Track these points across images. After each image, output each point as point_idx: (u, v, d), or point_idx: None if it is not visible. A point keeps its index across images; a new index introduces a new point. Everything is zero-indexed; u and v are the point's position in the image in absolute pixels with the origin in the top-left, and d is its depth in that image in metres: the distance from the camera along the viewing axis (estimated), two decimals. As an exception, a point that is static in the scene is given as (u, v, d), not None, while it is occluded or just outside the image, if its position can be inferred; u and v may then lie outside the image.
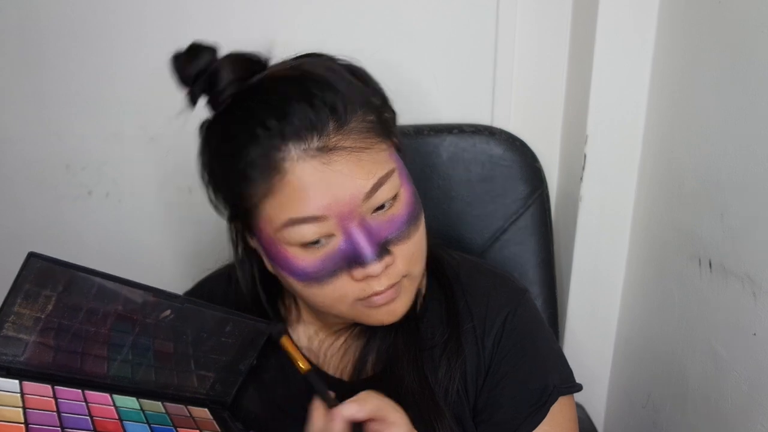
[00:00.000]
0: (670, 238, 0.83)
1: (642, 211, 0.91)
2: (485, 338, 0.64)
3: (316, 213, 0.53)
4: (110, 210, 1.06)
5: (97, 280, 0.50)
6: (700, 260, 0.76)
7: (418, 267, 0.60)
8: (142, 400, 0.54)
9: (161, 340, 0.56)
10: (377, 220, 0.55)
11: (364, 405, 0.52)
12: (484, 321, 0.65)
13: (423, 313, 0.66)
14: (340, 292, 0.56)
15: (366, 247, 0.54)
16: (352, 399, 0.52)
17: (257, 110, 0.54)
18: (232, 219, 0.61)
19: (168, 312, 0.55)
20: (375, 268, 0.54)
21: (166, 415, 0.54)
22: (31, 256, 0.47)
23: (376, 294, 0.56)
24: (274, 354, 0.66)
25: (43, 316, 0.48)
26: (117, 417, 0.50)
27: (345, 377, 0.66)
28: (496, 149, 0.87)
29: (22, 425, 0.44)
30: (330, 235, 0.54)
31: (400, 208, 0.56)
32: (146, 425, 0.51)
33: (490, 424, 0.62)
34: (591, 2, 0.84)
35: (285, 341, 0.58)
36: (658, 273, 0.87)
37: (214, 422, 0.57)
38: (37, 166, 1.04)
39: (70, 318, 0.50)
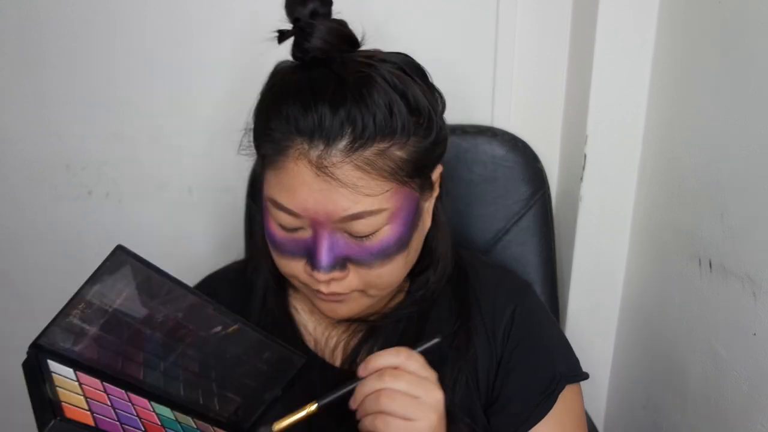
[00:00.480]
0: (670, 238, 0.83)
1: (642, 211, 0.91)
2: (495, 330, 0.65)
3: (295, 210, 0.54)
4: (110, 210, 1.06)
5: (168, 284, 0.51)
6: (700, 260, 0.76)
7: (377, 290, 0.60)
8: (175, 412, 0.55)
9: (205, 356, 0.56)
10: (346, 239, 0.56)
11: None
12: (493, 313, 0.66)
13: (430, 308, 0.67)
14: (293, 272, 0.59)
15: (322, 256, 0.55)
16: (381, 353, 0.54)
17: (297, 91, 0.54)
18: (257, 164, 0.61)
19: (219, 328, 0.56)
20: (320, 275, 0.56)
21: (197, 430, 0.55)
22: (119, 248, 0.48)
23: (320, 291, 0.58)
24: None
25: (110, 310, 0.49)
26: (159, 423, 0.51)
27: (346, 367, 0.66)
28: (499, 150, 0.87)
29: (89, 413, 0.45)
30: (302, 228, 0.56)
31: (374, 243, 0.56)
32: None
33: (502, 415, 0.63)
34: (591, 2, 0.84)
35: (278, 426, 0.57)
36: (658, 273, 0.87)
37: None
38: (37, 166, 1.03)
39: (133, 317, 0.51)
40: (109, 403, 0.48)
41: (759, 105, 0.63)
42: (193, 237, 1.08)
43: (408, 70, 0.58)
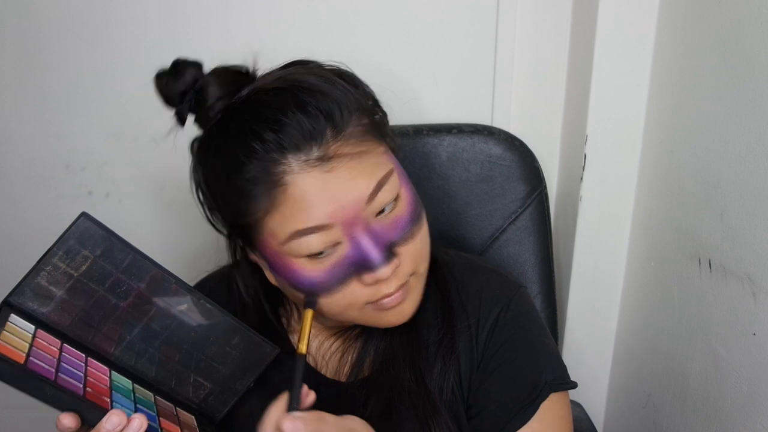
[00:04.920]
0: (670, 238, 0.83)
1: (642, 211, 0.91)
2: (479, 334, 0.64)
3: (321, 222, 0.52)
4: (110, 210, 1.06)
5: (132, 253, 0.53)
6: (700, 260, 0.76)
7: (424, 264, 0.60)
8: (136, 386, 0.55)
9: (170, 332, 0.56)
10: (381, 224, 0.55)
11: (307, 426, 0.47)
12: (478, 317, 0.65)
13: (419, 315, 0.66)
14: (350, 299, 0.56)
15: (373, 252, 0.54)
16: (303, 416, 0.48)
17: (251, 123, 0.53)
18: (232, 236, 0.61)
19: (184, 306, 0.56)
20: (385, 271, 0.54)
21: (153, 404, 0.55)
22: (83, 215, 0.51)
23: (387, 296, 0.56)
24: (280, 371, 0.65)
25: (75, 274, 0.51)
26: (108, 386, 0.52)
27: (342, 378, 0.66)
28: (495, 149, 0.87)
29: (23, 354, 0.47)
30: (336, 244, 0.54)
31: (403, 209, 0.57)
32: (132, 402, 0.52)
33: (480, 419, 0.62)
34: (591, 2, 0.84)
35: (308, 314, 0.56)
36: (658, 273, 0.87)
37: (197, 429, 0.57)
38: (37, 166, 1.04)
39: (98, 283, 0.52)
40: (55, 357, 0.50)
41: (759, 105, 0.63)
42: (193, 237, 1.08)
43: (306, 62, 0.60)
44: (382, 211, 0.55)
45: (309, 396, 0.54)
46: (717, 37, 0.70)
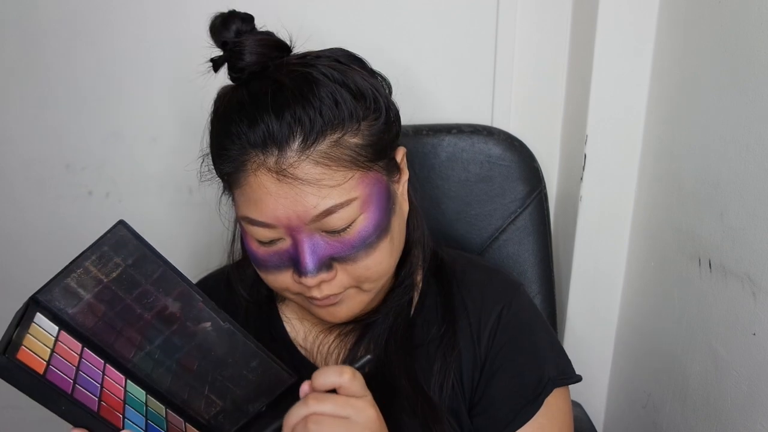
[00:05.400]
0: (670, 238, 0.83)
1: (642, 211, 0.91)
2: (480, 332, 0.64)
3: (267, 221, 0.55)
4: (110, 210, 1.06)
5: (163, 267, 0.54)
6: (700, 260, 0.76)
7: (371, 284, 0.60)
8: (149, 397, 0.56)
9: (190, 348, 0.57)
10: (326, 239, 0.56)
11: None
12: (479, 315, 0.65)
13: (418, 312, 0.67)
14: (283, 285, 0.59)
15: (306, 260, 0.55)
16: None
17: (240, 109, 0.55)
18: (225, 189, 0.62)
19: (208, 324, 0.57)
20: (308, 281, 0.56)
21: (164, 420, 0.55)
22: (120, 223, 0.52)
23: (314, 298, 0.58)
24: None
25: (105, 280, 0.52)
26: (122, 398, 0.52)
27: None
28: (495, 149, 0.87)
29: (44, 362, 0.47)
30: (280, 238, 0.56)
31: (353, 235, 0.56)
32: (143, 418, 0.53)
33: (485, 417, 0.63)
34: (591, 2, 0.84)
35: None
36: (658, 273, 0.87)
37: None
38: (37, 166, 1.04)
39: (126, 292, 0.53)
40: (75, 365, 0.50)
41: (759, 105, 0.63)
42: (193, 237, 1.08)
43: (343, 60, 0.59)
44: (332, 229, 0.56)
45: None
46: (717, 37, 0.70)
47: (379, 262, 0.58)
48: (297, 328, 0.70)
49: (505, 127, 0.93)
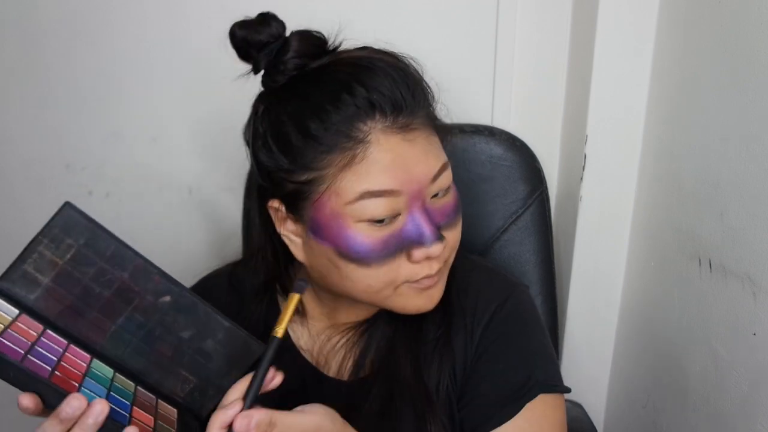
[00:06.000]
0: (670, 238, 0.83)
1: (642, 211, 0.91)
2: (474, 331, 0.64)
3: (392, 187, 0.53)
4: (110, 210, 1.06)
5: (115, 243, 0.54)
6: (700, 260, 0.76)
7: (453, 255, 0.62)
8: (117, 375, 0.56)
9: (154, 324, 0.57)
10: (434, 206, 0.57)
11: (250, 421, 0.47)
12: (474, 315, 0.65)
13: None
14: (393, 275, 0.57)
15: (428, 228, 0.56)
16: (254, 417, 0.47)
17: (341, 77, 0.54)
18: (277, 196, 0.59)
19: (168, 297, 0.57)
20: (436, 248, 0.55)
21: (131, 394, 0.55)
22: (66, 204, 0.52)
23: (428, 276, 0.57)
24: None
25: (60, 263, 0.52)
26: (83, 372, 0.52)
27: (344, 377, 0.66)
28: (496, 149, 0.87)
29: None
30: (395, 215, 0.55)
31: (451, 198, 0.59)
32: (105, 389, 0.52)
33: (467, 411, 0.62)
34: (591, 2, 0.84)
35: (294, 299, 0.55)
36: (658, 273, 0.87)
37: (176, 422, 0.57)
38: (37, 166, 1.04)
39: (82, 272, 0.53)
40: (30, 341, 0.50)
41: (759, 105, 0.63)
42: (193, 237, 1.08)
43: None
44: (435, 195, 0.57)
45: (275, 379, 0.53)
46: (717, 37, 0.70)
47: (460, 230, 0.62)
48: (299, 331, 0.70)
49: (505, 127, 0.93)
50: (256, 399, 0.51)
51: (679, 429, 0.84)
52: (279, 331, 0.53)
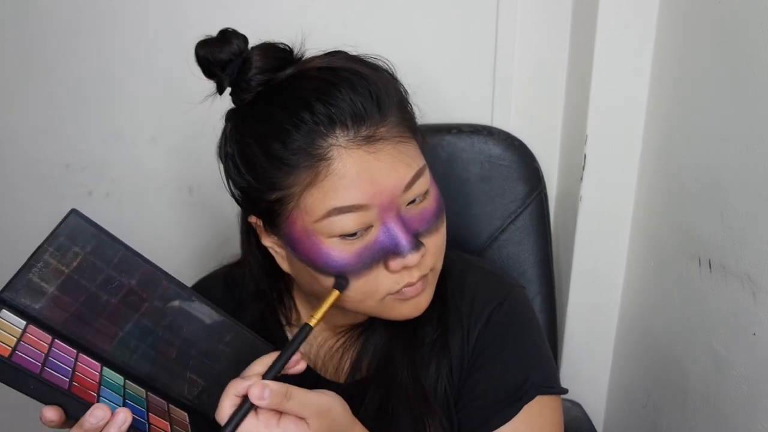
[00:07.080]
0: (670, 238, 0.83)
1: (642, 211, 0.91)
2: (470, 333, 0.64)
3: (360, 202, 0.53)
4: (110, 210, 1.06)
5: (122, 250, 0.53)
6: (700, 260, 0.76)
7: (440, 262, 0.61)
8: (128, 382, 0.55)
9: (162, 329, 0.57)
10: (410, 213, 0.56)
11: (272, 399, 0.47)
12: (471, 317, 0.65)
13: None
14: (373, 286, 0.56)
15: (404, 238, 0.54)
16: (272, 386, 0.47)
17: (301, 92, 0.54)
18: (253, 212, 0.60)
19: (176, 302, 0.56)
20: (413, 257, 0.54)
21: (144, 400, 0.55)
22: (73, 212, 0.52)
23: (409, 285, 0.57)
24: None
25: (67, 271, 0.52)
26: (98, 381, 0.52)
27: (341, 380, 0.66)
28: (495, 149, 0.87)
29: (9, 348, 0.46)
30: (368, 227, 0.54)
31: (431, 202, 0.58)
32: (120, 397, 0.52)
33: (464, 414, 0.62)
34: (591, 2, 0.84)
35: (334, 295, 0.55)
36: (658, 273, 0.87)
37: (189, 426, 0.57)
38: (37, 166, 1.04)
39: (89, 280, 0.53)
40: (44, 352, 0.49)
41: (759, 105, 0.63)
42: (193, 237, 1.08)
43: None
44: (412, 202, 0.56)
45: (299, 365, 0.53)
46: (717, 36, 0.70)
47: (445, 235, 0.60)
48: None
49: (505, 127, 0.93)
50: (276, 377, 0.51)
51: (679, 429, 0.84)
52: (314, 321, 0.53)
